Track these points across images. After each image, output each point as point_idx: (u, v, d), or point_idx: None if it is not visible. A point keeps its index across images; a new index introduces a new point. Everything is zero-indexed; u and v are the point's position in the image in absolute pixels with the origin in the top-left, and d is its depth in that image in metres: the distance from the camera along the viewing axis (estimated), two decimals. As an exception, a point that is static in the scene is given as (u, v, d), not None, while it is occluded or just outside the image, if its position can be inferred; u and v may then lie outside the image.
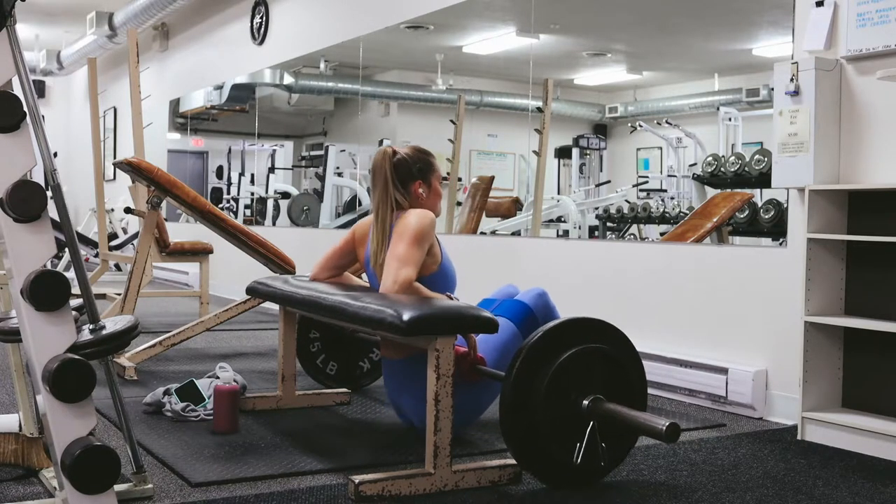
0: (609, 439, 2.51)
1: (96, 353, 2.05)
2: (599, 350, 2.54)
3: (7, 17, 1.96)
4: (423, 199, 3.02)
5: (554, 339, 2.49)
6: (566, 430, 2.47)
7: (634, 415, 2.46)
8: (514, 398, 2.43)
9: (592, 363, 2.52)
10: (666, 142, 6.43)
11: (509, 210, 6.69)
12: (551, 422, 2.45)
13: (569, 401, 2.48)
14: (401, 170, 2.99)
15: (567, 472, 2.48)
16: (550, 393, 2.44)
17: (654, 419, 2.41)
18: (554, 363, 2.46)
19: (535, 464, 2.48)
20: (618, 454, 2.60)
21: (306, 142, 9.28)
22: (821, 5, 3.32)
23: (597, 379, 2.52)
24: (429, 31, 6.30)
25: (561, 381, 2.46)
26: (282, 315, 3.35)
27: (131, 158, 4.24)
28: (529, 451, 2.46)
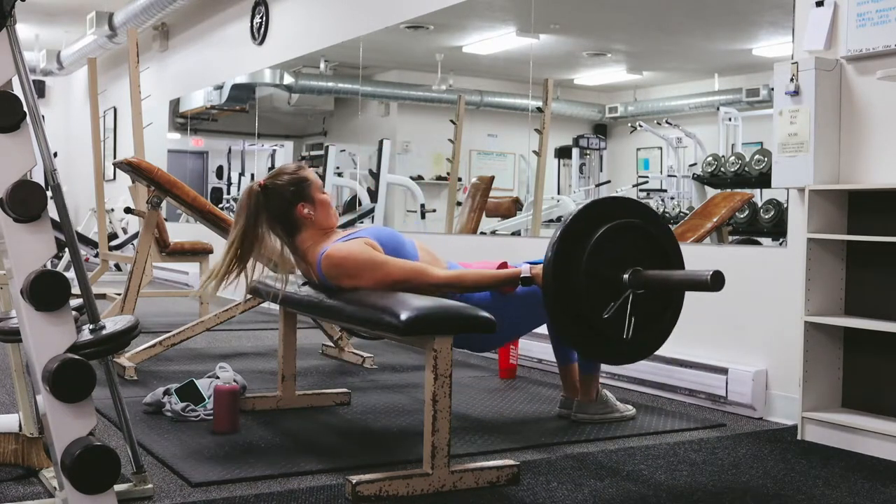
0: (658, 309, 2.59)
1: (96, 353, 2.05)
2: (630, 224, 2.57)
3: (7, 17, 1.96)
4: (314, 216, 2.92)
5: (585, 220, 2.54)
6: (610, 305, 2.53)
7: (676, 275, 2.51)
8: (556, 286, 2.47)
9: (626, 238, 2.56)
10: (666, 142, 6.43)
11: (509, 210, 6.69)
12: (597, 301, 2.48)
13: (609, 277, 2.52)
14: (276, 202, 2.89)
15: (622, 348, 2.56)
16: (590, 273, 2.49)
17: (696, 273, 2.47)
18: (588, 243, 2.50)
19: (589, 346, 2.55)
20: (668, 323, 2.68)
21: (306, 142, 9.29)
22: (821, 5, 3.32)
23: (633, 253, 2.56)
24: (429, 31, 6.30)
25: (598, 260, 2.50)
26: (282, 315, 3.35)
27: (131, 158, 4.25)
28: (583, 335, 2.51)
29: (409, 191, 7.68)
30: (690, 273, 2.51)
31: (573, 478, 2.60)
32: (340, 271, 2.80)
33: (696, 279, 2.45)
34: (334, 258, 2.81)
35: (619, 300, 2.51)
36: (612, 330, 2.50)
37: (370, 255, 2.80)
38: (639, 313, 2.53)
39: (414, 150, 8.07)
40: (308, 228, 2.94)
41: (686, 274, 2.53)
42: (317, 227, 2.94)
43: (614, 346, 2.55)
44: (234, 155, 10.04)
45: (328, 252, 2.83)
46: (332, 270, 2.82)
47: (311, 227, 2.94)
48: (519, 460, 2.69)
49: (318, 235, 2.94)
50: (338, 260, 2.81)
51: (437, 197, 7.61)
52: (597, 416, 3.27)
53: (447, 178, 7.24)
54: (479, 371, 4.35)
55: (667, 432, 3.20)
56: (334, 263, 2.81)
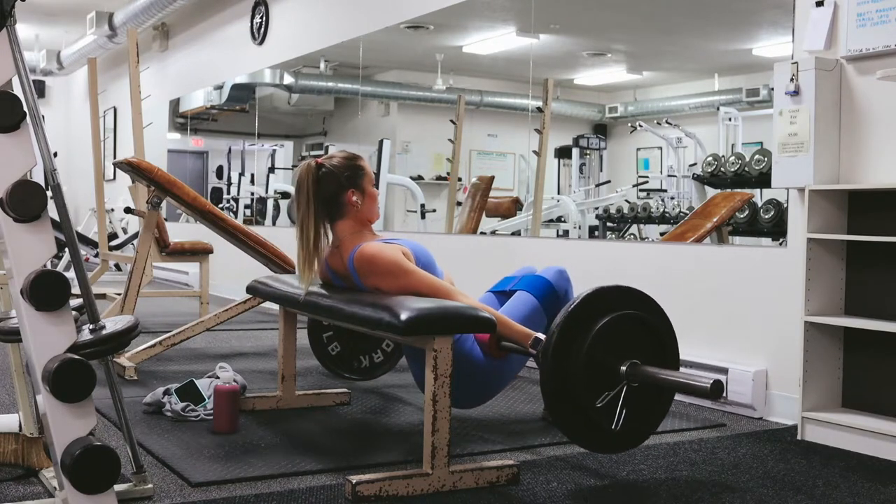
0: (646, 404, 2.57)
1: (96, 353, 2.05)
2: (634, 316, 2.57)
3: (7, 17, 1.96)
4: (360, 206, 2.92)
5: (591, 306, 2.53)
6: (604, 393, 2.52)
7: (675, 376, 2.50)
8: (554, 369, 2.46)
9: (628, 329, 2.56)
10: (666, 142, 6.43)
11: (509, 210, 6.69)
12: (592, 388, 2.48)
13: (607, 366, 2.52)
14: (328, 182, 2.89)
15: (608, 437, 2.55)
16: (590, 360, 2.48)
17: (695, 378, 2.47)
18: (592, 330, 2.49)
19: (578, 432, 2.53)
20: (655, 419, 2.65)
21: (306, 142, 9.29)
22: (821, 5, 3.32)
23: (633, 344, 2.56)
24: (429, 31, 6.30)
25: (599, 348, 2.49)
26: (282, 315, 3.35)
27: (131, 158, 4.24)
28: (570, 418, 2.50)
29: (409, 191, 7.68)
30: (690, 378, 2.49)
31: (573, 478, 2.60)
32: (371, 268, 2.80)
33: (695, 386, 2.44)
34: (368, 253, 2.81)
35: (613, 391, 2.50)
36: (602, 419, 2.50)
37: (402, 261, 2.79)
38: (630, 406, 2.53)
39: (414, 150, 8.07)
40: (350, 217, 2.93)
41: (686, 378, 2.51)
42: (359, 217, 2.93)
43: (601, 435, 2.54)
44: (234, 155, 10.04)
45: (364, 247, 2.83)
46: (364, 265, 2.82)
47: (353, 217, 2.92)
48: (519, 460, 2.69)
49: (357, 227, 2.94)
50: (370, 256, 2.80)
51: (437, 197, 7.61)
52: None
53: (447, 178, 7.24)
54: (479, 371, 4.35)
55: (667, 432, 3.20)
56: (367, 259, 2.81)
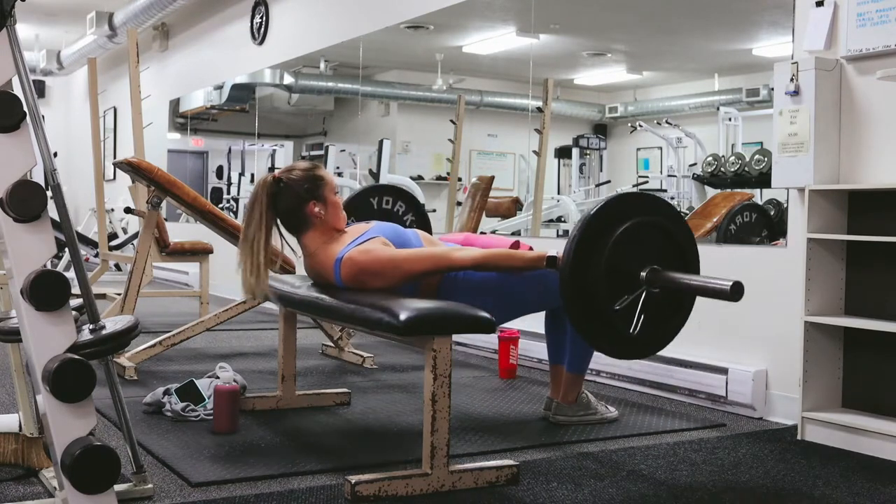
0: (668, 310, 2.60)
1: (96, 353, 2.05)
2: (653, 222, 2.58)
3: (7, 17, 1.96)
4: (323, 217, 2.89)
5: (611, 213, 2.54)
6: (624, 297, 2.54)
7: (695, 279, 2.52)
8: (573, 275, 2.48)
9: (647, 235, 2.57)
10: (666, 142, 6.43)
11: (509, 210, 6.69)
12: (611, 294, 2.50)
13: (627, 272, 2.53)
14: (288, 197, 2.87)
15: (626, 342, 2.57)
16: (610, 266, 2.49)
17: (716, 280, 2.47)
18: (612, 236, 2.50)
19: (599, 338, 2.55)
20: (676, 325, 2.68)
21: (306, 142, 9.29)
22: (821, 5, 3.32)
23: (653, 251, 2.57)
24: (429, 31, 6.30)
25: (619, 253, 2.50)
26: (282, 315, 3.35)
27: (131, 158, 4.24)
28: (591, 324, 2.52)
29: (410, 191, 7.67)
30: (710, 280, 2.50)
31: (573, 478, 2.60)
32: (366, 275, 2.77)
33: (716, 288, 2.45)
34: (359, 262, 2.78)
35: (632, 295, 2.52)
36: (620, 322, 2.51)
37: (392, 253, 2.78)
38: (649, 311, 2.54)
39: (414, 150, 8.07)
40: (316, 228, 2.91)
41: (706, 280, 2.51)
42: (325, 227, 2.92)
43: (619, 339, 2.56)
44: (234, 155, 10.04)
45: (349, 256, 2.80)
46: (357, 274, 2.78)
47: (319, 227, 2.91)
48: (518, 460, 2.69)
49: (326, 236, 2.92)
50: (363, 264, 2.77)
51: (437, 197, 7.61)
52: (575, 417, 3.25)
53: (447, 178, 7.24)
54: (478, 371, 4.35)
55: (667, 432, 3.20)
56: (360, 268, 2.77)
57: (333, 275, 2.85)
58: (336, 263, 2.82)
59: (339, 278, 2.83)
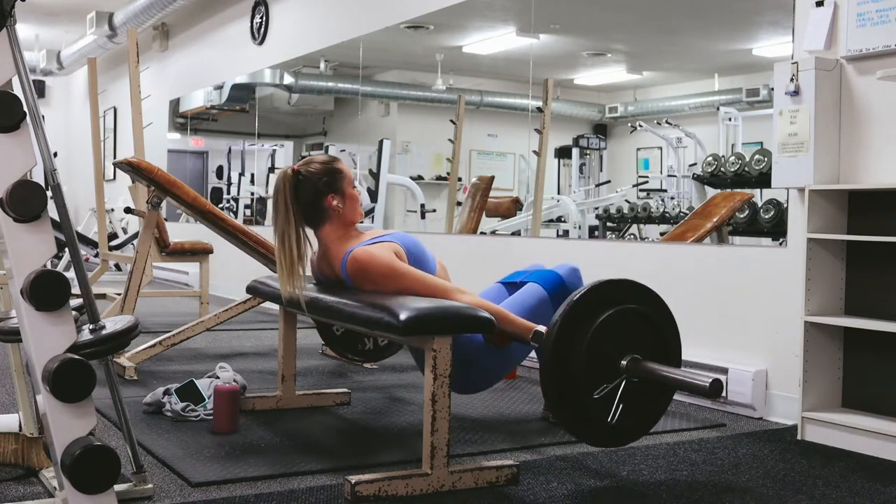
0: (645, 401, 2.58)
1: (96, 353, 2.05)
2: (638, 311, 2.58)
3: (7, 17, 1.96)
4: (341, 210, 2.89)
5: (595, 298, 2.53)
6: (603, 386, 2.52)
7: (675, 373, 2.50)
8: (555, 356, 2.47)
9: (631, 323, 2.56)
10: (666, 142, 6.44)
11: (509, 210, 6.69)
12: (591, 380, 2.49)
13: (608, 359, 2.52)
14: (307, 189, 2.86)
15: (604, 430, 2.55)
16: (591, 351, 2.48)
17: (695, 376, 2.46)
18: (595, 321, 2.49)
19: (575, 423, 2.54)
20: (654, 415, 2.66)
21: (306, 142, 9.29)
22: (821, 5, 3.32)
23: (635, 339, 2.56)
24: (429, 31, 6.31)
25: (601, 340, 2.50)
26: (282, 315, 3.35)
27: (131, 158, 4.24)
28: (568, 410, 2.51)
29: (409, 191, 7.68)
30: (689, 375, 2.49)
31: (573, 478, 2.60)
32: (364, 275, 2.77)
33: (695, 384, 2.43)
34: (360, 260, 2.77)
35: (612, 384, 2.51)
36: (598, 411, 2.50)
37: (396, 264, 2.76)
38: (627, 401, 2.53)
39: (414, 150, 8.08)
40: (333, 221, 2.90)
41: (685, 375, 2.50)
42: (342, 221, 2.91)
43: (596, 428, 2.55)
44: (234, 155, 10.04)
45: (355, 252, 2.79)
46: (357, 272, 2.79)
47: (336, 221, 2.90)
48: (518, 460, 2.69)
49: (342, 230, 2.91)
50: (363, 263, 2.77)
51: (437, 197, 7.62)
52: None
53: (447, 178, 7.25)
54: (479, 371, 4.35)
55: (667, 432, 3.20)
56: (360, 266, 2.77)
57: (340, 268, 2.85)
58: (345, 257, 2.83)
59: (344, 271, 2.84)
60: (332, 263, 2.90)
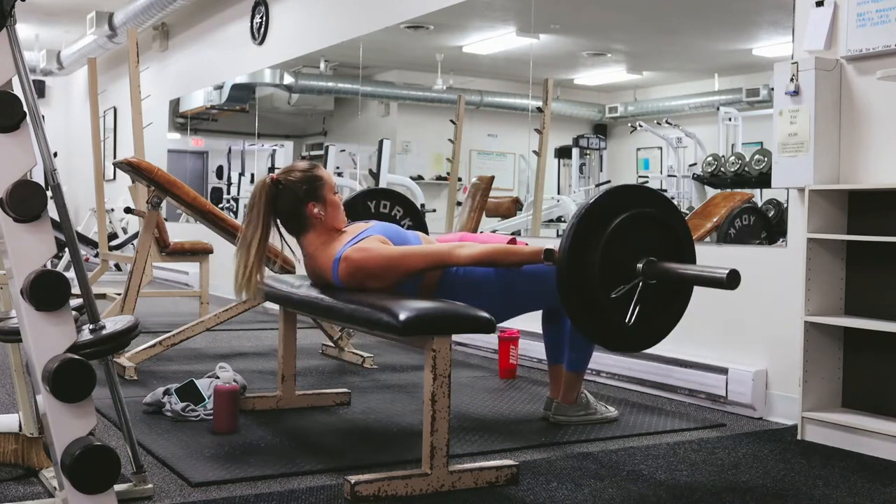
0: (662, 304, 2.60)
1: (96, 353, 2.05)
2: (650, 214, 2.59)
3: (7, 17, 1.96)
4: (323, 217, 2.89)
5: (606, 205, 2.55)
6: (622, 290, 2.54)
7: (691, 269, 2.51)
8: (571, 266, 2.48)
9: (644, 227, 2.57)
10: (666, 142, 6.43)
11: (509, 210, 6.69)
12: (607, 283, 2.50)
13: (623, 263, 2.53)
14: (287, 199, 2.86)
15: (622, 334, 2.57)
16: (606, 256, 2.49)
17: (712, 270, 2.47)
18: (608, 228, 2.51)
19: (594, 328, 2.56)
20: (671, 319, 2.68)
21: (306, 142, 9.29)
22: (821, 5, 3.32)
23: (649, 243, 2.57)
24: (429, 31, 6.30)
25: (615, 245, 2.51)
26: (282, 315, 3.35)
27: (131, 158, 4.25)
28: (586, 313, 2.52)
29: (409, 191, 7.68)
30: (706, 269, 2.50)
31: (573, 478, 2.60)
32: (364, 273, 2.76)
33: (712, 276, 2.44)
34: (356, 261, 2.77)
35: (628, 285, 2.51)
36: (616, 312, 2.50)
37: (390, 251, 2.76)
38: (645, 303, 2.54)
39: (414, 150, 8.07)
40: (316, 228, 2.91)
41: (701, 270, 2.51)
42: (325, 227, 2.91)
43: (615, 331, 2.55)
44: (234, 155, 10.04)
45: (346, 255, 2.79)
46: (355, 273, 2.77)
47: (318, 228, 2.91)
48: (518, 460, 2.69)
49: (325, 236, 2.91)
50: (360, 262, 2.76)
51: (437, 197, 7.61)
52: (575, 417, 3.25)
53: (447, 178, 7.24)
54: (478, 371, 4.35)
55: (667, 432, 3.20)
56: (357, 266, 2.76)
57: (332, 274, 2.84)
58: (335, 263, 2.82)
59: (337, 278, 2.83)
60: (322, 270, 2.90)
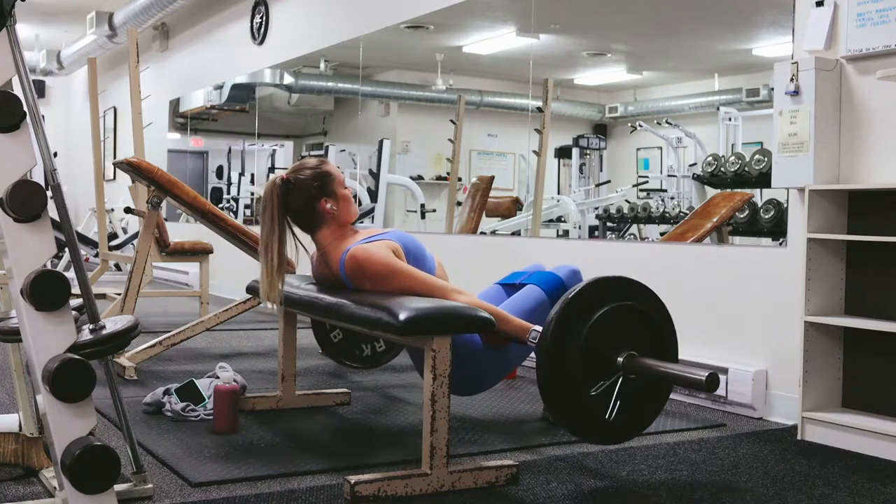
0: (642, 397, 2.59)
1: (96, 353, 2.05)
2: (633, 307, 2.58)
3: (7, 17, 1.96)
4: (336, 212, 2.89)
5: (590, 295, 2.54)
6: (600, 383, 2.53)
7: (671, 368, 2.50)
8: (551, 355, 2.48)
9: (627, 320, 2.57)
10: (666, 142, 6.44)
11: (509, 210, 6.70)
12: (588, 378, 2.49)
13: (604, 357, 2.52)
14: (299, 197, 2.87)
15: (602, 428, 2.55)
16: (587, 349, 2.49)
17: (691, 371, 2.46)
18: (590, 319, 2.50)
19: (574, 422, 2.54)
20: (652, 412, 2.66)
21: (306, 142, 9.29)
22: (821, 5, 3.32)
23: (631, 336, 2.57)
24: (429, 31, 6.31)
25: (597, 337, 2.50)
26: (282, 315, 3.35)
27: (131, 158, 4.24)
28: (566, 408, 2.52)
29: (409, 191, 7.69)
30: (685, 370, 2.49)
31: (573, 478, 2.60)
32: (362, 273, 2.77)
33: (692, 378, 2.44)
34: (358, 258, 2.77)
35: (609, 380, 2.51)
36: (596, 408, 2.50)
37: (393, 263, 2.75)
38: (624, 398, 2.53)
39: (414, 150, 8.08)
40: (329, 224, 2.91)
41: (681, 370, 2.50)
42: (338, 222, 2.92)
43: (594, 425, 2.55)
44: (234, 155, 10.05)
45: (353, 252, 2.79)
46: (356, 271, 2.78)
47: (332, 223, 2.91)
48: (518, 460, 2.69)
49: (339, 232, 2.91)
50: (361, 261, 2.76)
51: (437, 197, 7.62)
52: None
53: (447, 178, 7.25)
54: (479, 371, 4.35)
55: (667, 432, 3.20)
56: (357, 264, 2.77)
57: (339, 270, 2.85)
58: (342, 257, 2.83)
59: (343, 273, 2.83)
60: (332, 265, 2.90)
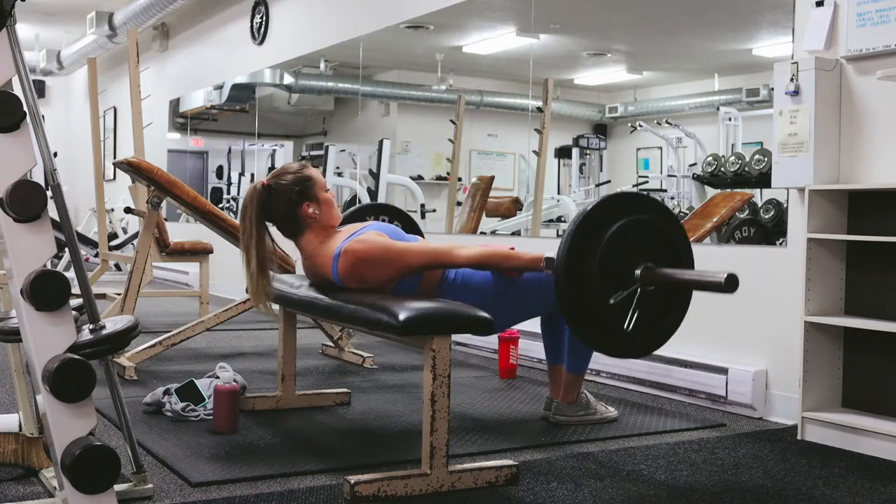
0: (661, 309, 2.61)
1: (96, 353, 2.05)
2: (647, 220, 2.59)
3: (7, 17, 1.96)
4: (318, 216, 2.90)
5: (603, 212, 2.55)
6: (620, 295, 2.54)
7: (688, 274, 2.52)
8: (569, 273, 2.48)
9: (642, 233, 2.58)
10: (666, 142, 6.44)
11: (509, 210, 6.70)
12: (605, 290, 2.50)
13: (621, 270, 2.53)
14: (280, 202, 2.88)
15: (620, 339, 2.57)
16: (603, 263, 2.50)
17: (709, 274, 2.48)
18: (605, 235, 2.51)
19: (594, 335, 2.56)
20: (672, 324, 2.69)
21: (306, 142, 9.29)
22: (821, 5, 3.32)
23: (647, 249, 2.58)
24: (429, 31, 6.30)
25: (613, 251, 2.51)
26: (282, 315, 3.35)
27: (131, 158, 4.25)
28: (587, 322, 2.53)
29: (409, 191, 7.68)
30: (703, 273, 2.50)
31: (573, 478, 2.60)
32: (365, 263, 2.76)
33: (710, 280, 2.45)
34: (357, 251, 2.77)
35: (627, 291, 2.52)
36: (614, 318, 2.51)
37: (391, 243, 2.77)
38: (643, 309, 2.54)
39: (414, 150, 8.08)
40: (313, 228, 2.92)
41: (699, 274, 2.52)
42: (321, 226, 2.92)
43: (614, 337, 2.56)
44: (234, 155, 10.04)
45: (346, 248, 2.79)
46: (355, 264, 2.77)
47: (315, 227, 2.92)
48: (518, 460, 2.69)
49: (322, 235, 2.92)
50: (360, 254, 2.76)
51: (437, 197, 7.62)
52: (575, 417, 3.25)
53: (447, 178, 7.25)
54: (478, 371, 4.35)
55: (667, 432, 3.20)
56: (357, 257, 2.76)
57: (332, 271, 2.84)
58: (335, 258, 2.82)
59: (336, 274, 2.83)
60: (321, 269, 2.90)
